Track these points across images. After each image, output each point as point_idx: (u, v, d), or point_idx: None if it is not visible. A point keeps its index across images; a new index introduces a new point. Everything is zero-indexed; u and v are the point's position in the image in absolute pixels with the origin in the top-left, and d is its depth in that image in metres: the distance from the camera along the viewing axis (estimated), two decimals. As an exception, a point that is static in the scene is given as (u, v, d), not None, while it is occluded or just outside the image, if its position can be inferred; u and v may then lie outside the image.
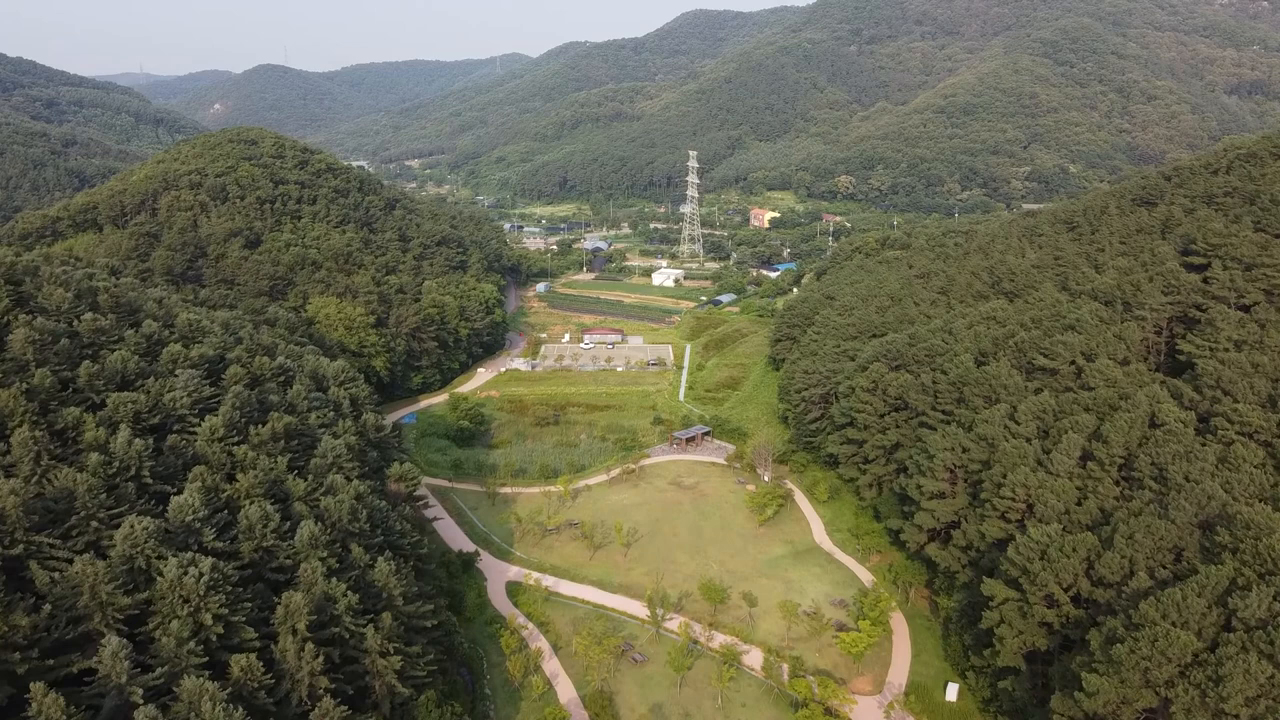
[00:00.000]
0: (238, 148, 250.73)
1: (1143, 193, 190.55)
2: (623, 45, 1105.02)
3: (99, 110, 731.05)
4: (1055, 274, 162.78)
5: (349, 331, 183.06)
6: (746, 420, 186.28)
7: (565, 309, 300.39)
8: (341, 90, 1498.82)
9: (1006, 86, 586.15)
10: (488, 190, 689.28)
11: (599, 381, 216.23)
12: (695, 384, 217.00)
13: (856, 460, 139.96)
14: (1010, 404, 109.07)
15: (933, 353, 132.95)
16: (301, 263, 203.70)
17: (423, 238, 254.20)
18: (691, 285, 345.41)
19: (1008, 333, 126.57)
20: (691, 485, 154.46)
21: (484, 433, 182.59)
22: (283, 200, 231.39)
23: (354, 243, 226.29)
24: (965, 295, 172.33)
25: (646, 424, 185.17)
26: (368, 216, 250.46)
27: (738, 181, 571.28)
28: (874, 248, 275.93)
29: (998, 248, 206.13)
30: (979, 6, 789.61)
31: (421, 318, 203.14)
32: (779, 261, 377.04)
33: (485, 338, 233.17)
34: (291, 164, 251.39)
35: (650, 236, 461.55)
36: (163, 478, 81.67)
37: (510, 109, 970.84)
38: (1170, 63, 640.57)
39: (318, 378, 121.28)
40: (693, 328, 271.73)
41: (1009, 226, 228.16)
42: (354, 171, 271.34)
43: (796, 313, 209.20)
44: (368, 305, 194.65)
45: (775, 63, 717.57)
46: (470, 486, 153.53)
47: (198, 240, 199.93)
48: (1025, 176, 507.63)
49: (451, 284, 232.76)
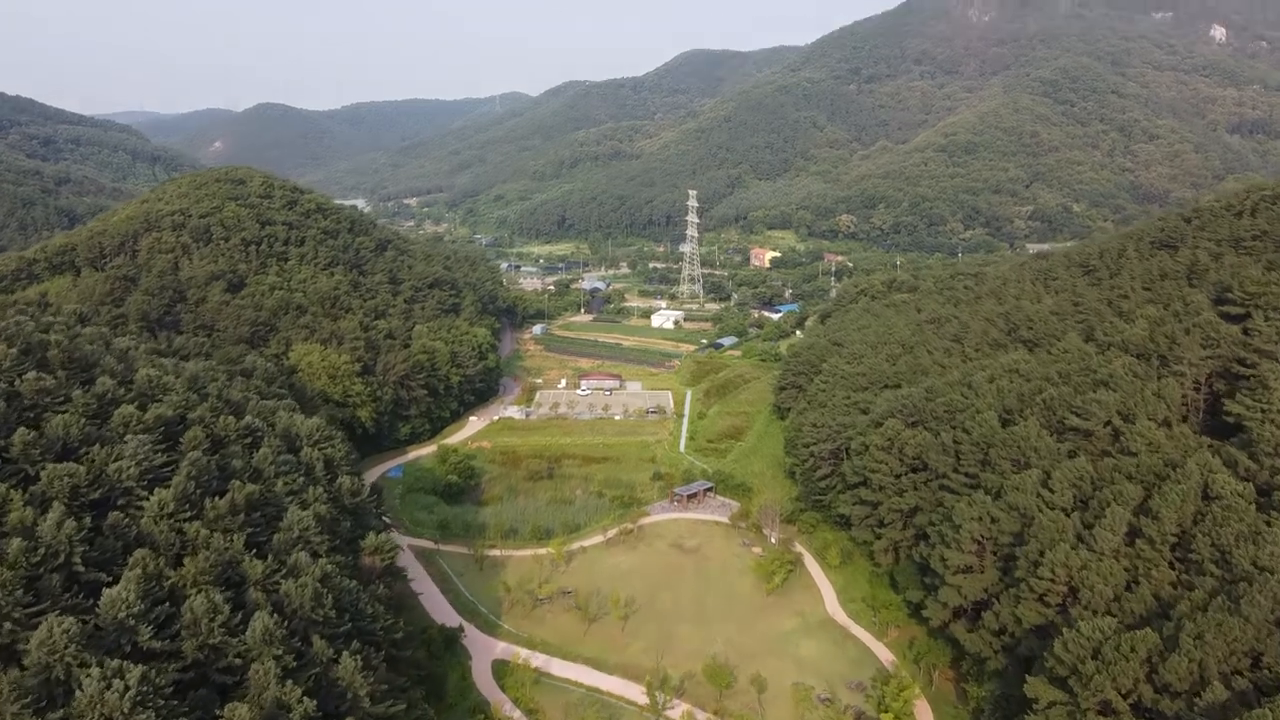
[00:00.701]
0: (225, 187, 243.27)
1: (1162, 235, 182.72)
2: (622, 84, 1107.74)
3: (95, 148, 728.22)
4: (1078, 322, 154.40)
5: (333, 380, 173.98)
6: (751, 474, 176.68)
7: (562, 352, 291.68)
8: (341, 128, 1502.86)
9: (1007, 125, 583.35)
10: (486, 229, 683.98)
11: (596, 431, 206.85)
12: (696, 434, 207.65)
13: (870, 523, 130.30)
14: (1043, 469, 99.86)
15: (953, 409, 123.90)
16: (285, 307, 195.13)
17: (414, 280, 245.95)
18: (691, 327, 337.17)
19: (1034, 388, 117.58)
20: (693, 548, 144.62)
21: (474, 487, 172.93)
22: (269, 242, 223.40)
23: (342, 285, 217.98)
24: (981, 343, 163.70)
25: (645, 478, 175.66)
26: (357, 258, 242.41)
27: (738, 220, 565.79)
28: (880, 290, 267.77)
29: (1011, 292, 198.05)
30: (977, 46, 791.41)
31: (411, 365, 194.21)
32: (781, 302, 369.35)
33: (478, 384, 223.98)
34: (280, 204, 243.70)
35: (649, 276, 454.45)
36: (98, 564, 72.13)
37: (509, 147, 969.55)
38: (1171, 102, 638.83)
39: (290, 437, 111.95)
40: (693, 372, 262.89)
41: (1020, 269, 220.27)
42: (345, 212, 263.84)
43: (802, 359, 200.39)
44: (353, 352, 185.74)
45: (775, 101, 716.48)
46: (457, 549, 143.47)
47: (177, 284, 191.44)
48: (1028, 216, 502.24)
49: (443, 328, 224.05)
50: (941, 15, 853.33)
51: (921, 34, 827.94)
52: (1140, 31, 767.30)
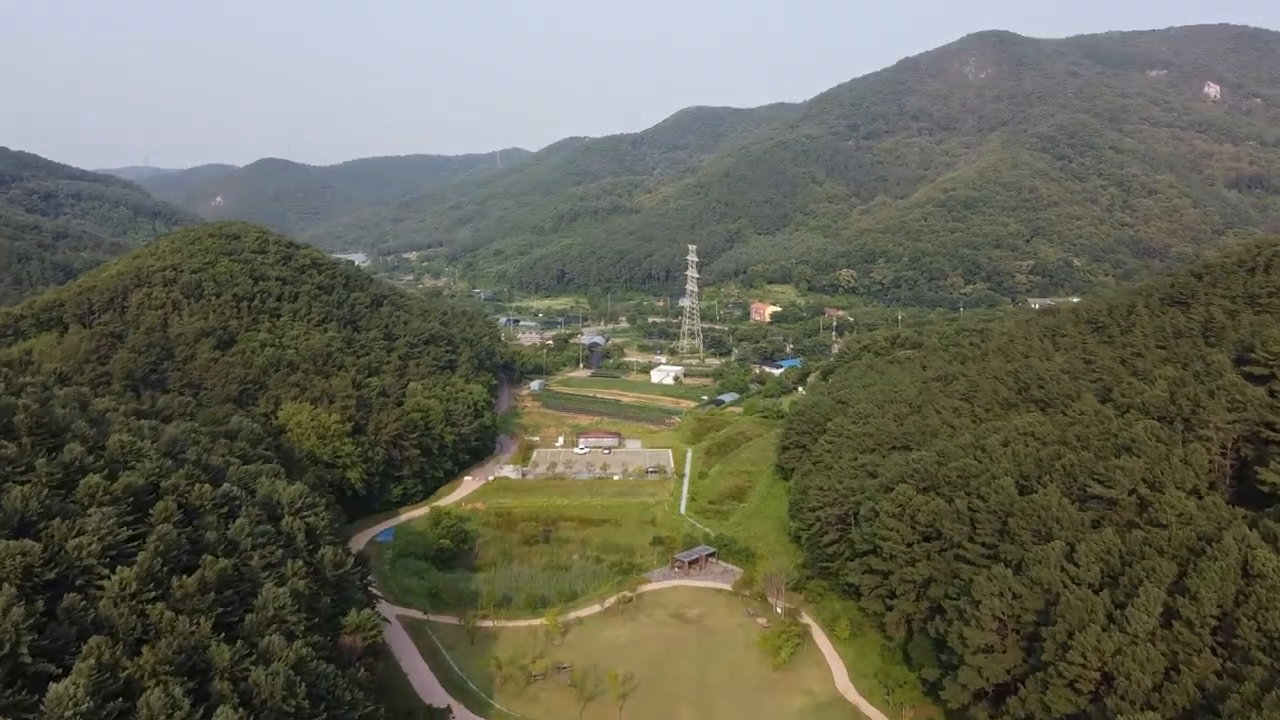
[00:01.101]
0: (218, 242, 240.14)
1: (1172, 291, 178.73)
2: (621, 140, 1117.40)
3: (96, 203, 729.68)
4: (1092, 381, 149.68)
5: (322, 441, 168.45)
6: (754, 538, 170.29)
7: (560, 409, 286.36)
8: (343, 183, 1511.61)
9: (1006, 180, 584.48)
10: (485, 283, 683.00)
11: (594, 492, 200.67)
12: (697, 494, 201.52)
13: (881, 593, 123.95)
14: (1066, 540, 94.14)
15: (966, 474, 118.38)
16: (276, 364, 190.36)
17: (410, 336, 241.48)
18: (692, 383, 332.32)
19: (1052, 453, 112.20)
20: (695, 618, 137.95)
21: (467, 552, 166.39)
22: (261, 298, 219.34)
23: (335, 342, 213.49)
24: (991, 403, 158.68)
25: (645, 542, 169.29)
26: (352, 314, 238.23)
27: (737, 274, 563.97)
28: (884, 346, 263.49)
29: (1019, 349, 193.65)
30: (974, 103, 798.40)
31: (403, 424, 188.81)
32: (782, 357, 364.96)
33: (473, 443, 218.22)
34: (274, 259, 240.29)
35: (649, 331, 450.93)
36: (47, 654, 66.17)
37: (509, 202, 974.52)
38: (1168, 157, 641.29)
39: (270, 505, 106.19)
40: (694, 430, 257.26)
41: (1027, 326, 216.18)
42: (340, 267, 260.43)
43: (806, 418, 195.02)
44: (344, 411, 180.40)
45: (774, 157, 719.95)
46: (448, 620, 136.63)
47: (165, 341, 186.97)
48: (1029, 270, 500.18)
49: (438, 385, 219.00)
50: (938, 73, 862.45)
51: (919, 91, 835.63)
52: (1136, 89, 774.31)
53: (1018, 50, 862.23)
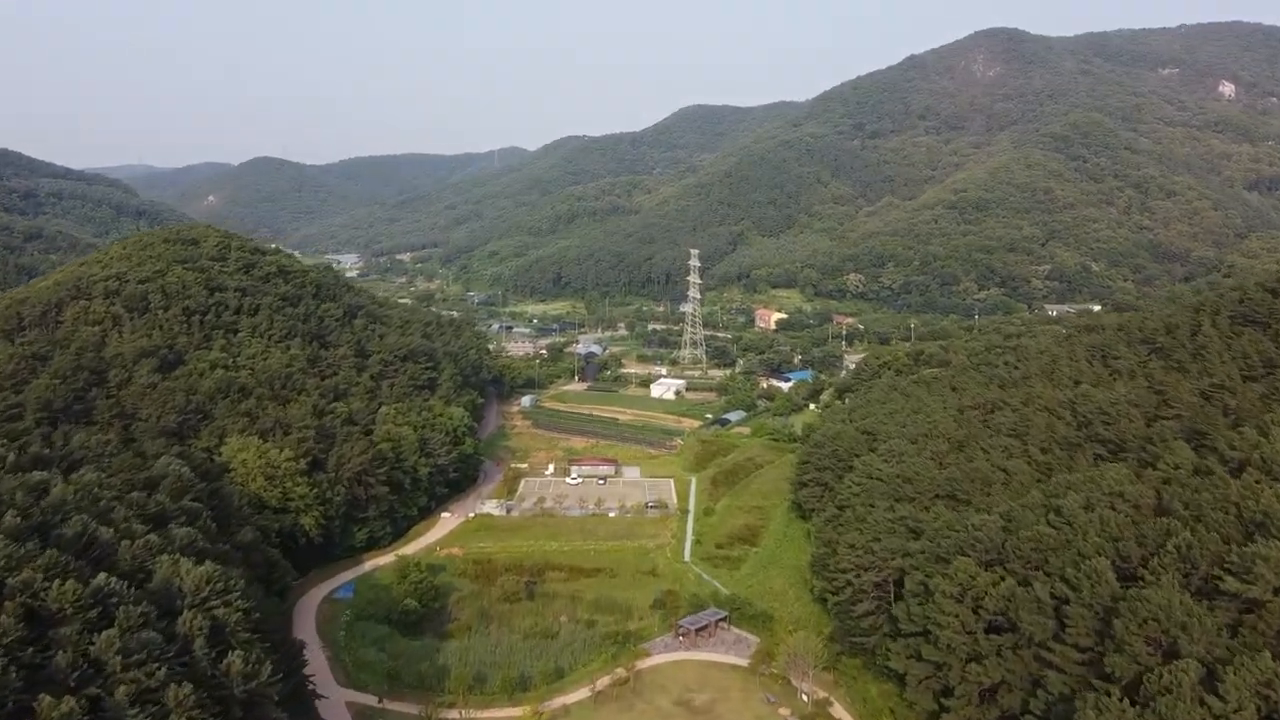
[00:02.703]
0: (173, 248, 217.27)
1: (1243, 309, 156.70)
2: (620, 139, 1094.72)
3: (78, 202, 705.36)
4: (1167, 417, 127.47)
5: (270, 482, 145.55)
6: (770, 594, 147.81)
7: (552, 429, 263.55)
8: (338, 182, 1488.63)
9: (1019, 181, 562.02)
10: (479, 286, 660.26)
11: (587, 533, 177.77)
12: (703, 535, 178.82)
13: (933, 686, 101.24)
14: (1199, 659, 71.60)
15: (1043, 546, 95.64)
16: (225, 390, 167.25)
17: (385, 353, 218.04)
18: (694, 398, 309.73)
19: (1159, 530, 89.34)
20: (705, 706, 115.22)
21: (439, 612, 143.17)
22: (217, 311, 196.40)
23: (297, 361, 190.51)
24: (1048, 443, 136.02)
25: (644, 599, 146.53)
26: (320, 328, 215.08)
27: (740, 279, 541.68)
28: (906, 364, 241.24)
29: (1065, 372, 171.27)
30: (983, 102, 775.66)
31: (370, 457, 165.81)
32: (790, 369, 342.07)
33: (452, 474, 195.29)
34: (234, 267, 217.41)
35: (648, 339, 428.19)
36: None
37: (506, 202, 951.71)
38: (1186, 158, 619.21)
39: (167, 596, 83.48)
40: (698, 454, 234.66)
41: (1069, 344, 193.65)
42: (311, 275, 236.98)
43: (826, 451, 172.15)
44: (300, 444, 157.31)
45: (777, 156, 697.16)
46: (407, 710, 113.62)
47: (98, 363, 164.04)
48: (1046, 275, 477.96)
49: (414, 409, 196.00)
50: (945, 71, 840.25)
51: (925, 90, 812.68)
52: (1149, 88, 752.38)
53: (1026, 48, 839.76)
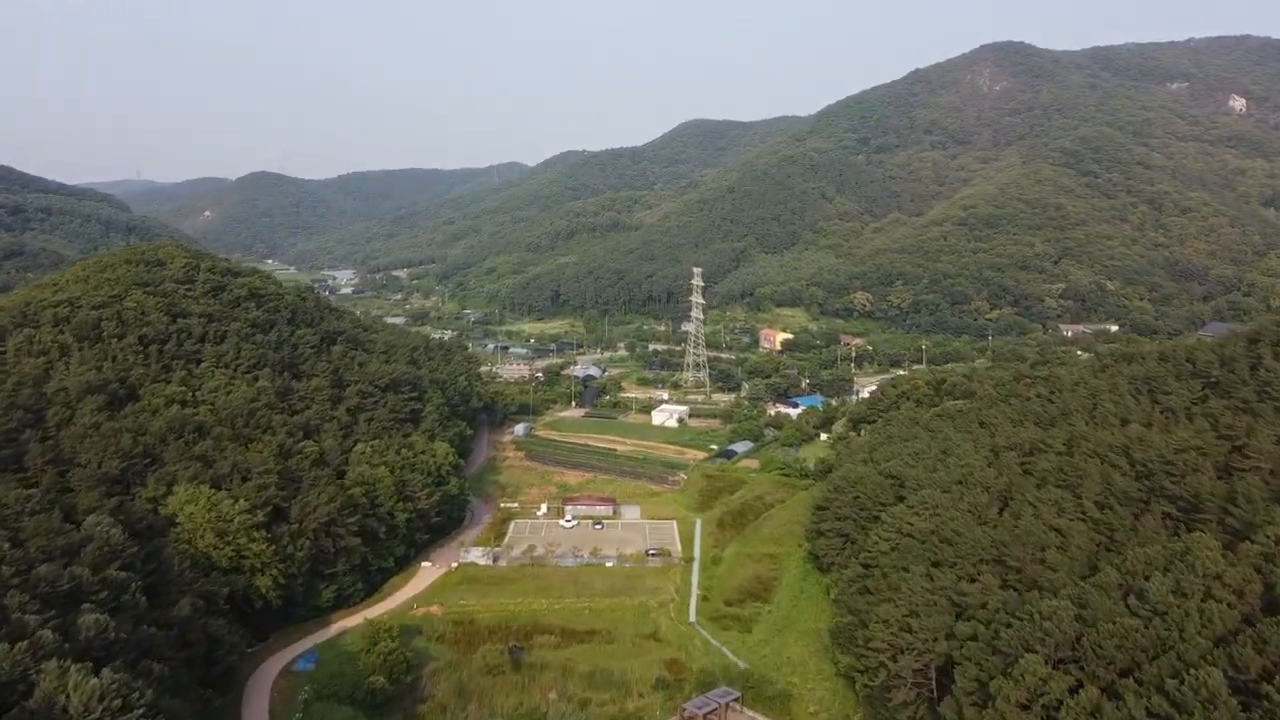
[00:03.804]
0: (135, 270, 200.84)
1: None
2: (620, 154, 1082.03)
3: (67, 218, 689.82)
4: (1246, 469, 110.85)
5: (221, 539, 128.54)
6: (787, 665, 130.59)
7: (546, 461, 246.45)
8: (336, 197, 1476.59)
9: (1030, 197, 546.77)
10: (476, 303, 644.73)
11: (581, 587, 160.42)
12: (710, 589, 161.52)
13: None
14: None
15: (1129, 644, 78.79)
16: (180, 429, 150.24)
17: (364, 383, 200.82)
18: (697, 425, 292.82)
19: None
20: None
21: (411, 687, 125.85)
22: (178, 339, 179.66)
23: (265, 395, 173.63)
24: (1106, 498, 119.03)
25: (645, 670, 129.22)
26: (293, 357, 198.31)
27: (743, 297, 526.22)
28: (926, 393, 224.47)
29: (1109, 408, 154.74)
30: (990, 116, 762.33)
31: (339, 504, 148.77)
32: (798, 394, 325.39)
33: (435, 518, 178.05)
34: (202, 290, 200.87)
35: (649, 361, 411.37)
36: None
37: (504, 218, 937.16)
38: (1199, 173, 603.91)
39: (49, 718, 66.72)
40: (702, 491, 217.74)
41: (1107, 375, 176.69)
42: (286, 299, 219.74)
43: (847, 497, 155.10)
44: (260, 492, 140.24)
45: (780, 172, 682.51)
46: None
47: (37, 400, 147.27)
48: (1060, 294, 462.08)
49: (392, 447, 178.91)
50: (950, 85, 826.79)
51: (930, 104, 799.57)
52: (1159, 102, 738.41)
53: (1033, 62, 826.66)
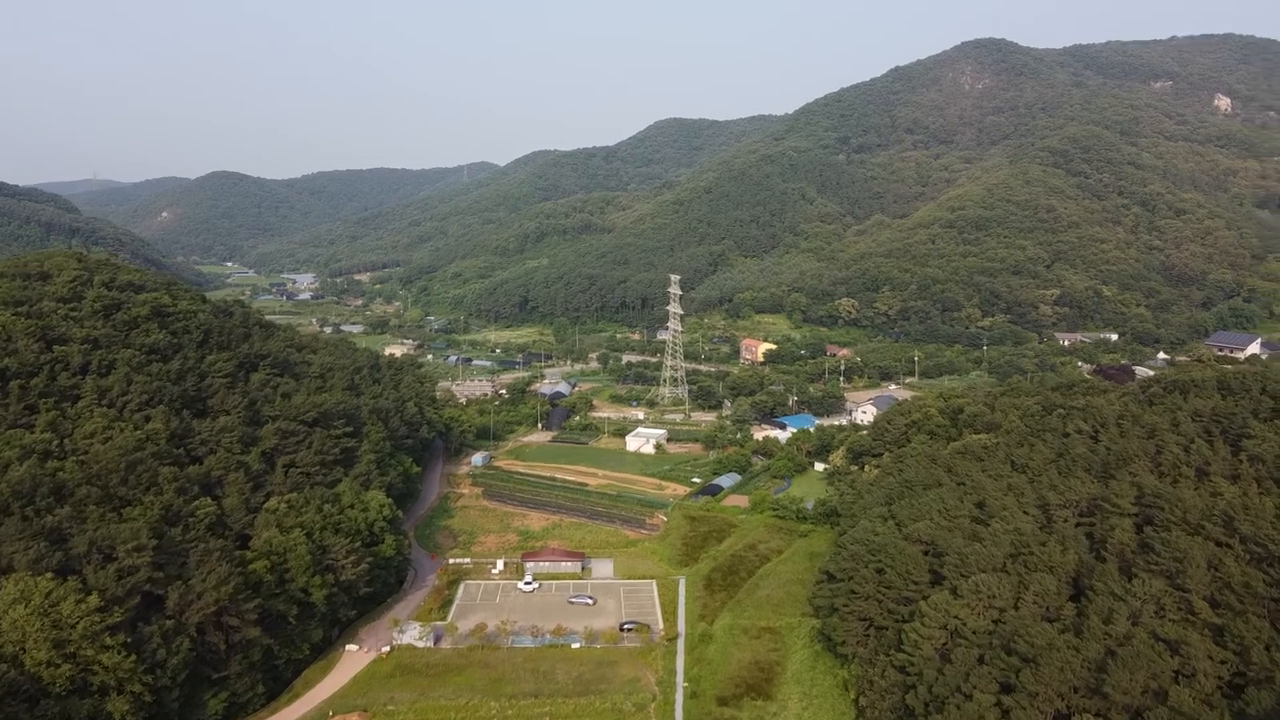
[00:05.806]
0: (13, 285, 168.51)
1: None
2: (593, 153, 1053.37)
3: (3, 219, 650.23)
4: None
5: (58, 651, 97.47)
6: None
7: (506, 500, 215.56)
8: (300, 198, 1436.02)
9: (1019, 199, 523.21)
10: (440, 309, 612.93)
11: (541, 679, 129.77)
12: (700, 681, 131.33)
13: None
14: None
15: None
16: (30, 492, 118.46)
17: (285, 419, 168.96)
18: (677, 451, 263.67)
19: None
20: None
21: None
22: (51, 372, 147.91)
23: (155, 439, 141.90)
24: (1221, 593, 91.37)
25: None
26: (199, 390, 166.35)
27: (722, 303, 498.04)
28: (941, 424, 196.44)
29: (1175, 453, 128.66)
30: (973, 115, 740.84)
31: (233, 587, 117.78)
32: (785, 413, 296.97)
33: (364, 588, 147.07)
34: (91, 310, 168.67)
35: (623, 375, 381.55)
36: None
37: (473, 219, 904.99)
38: (1191, 174, 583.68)
39: None
40: (686, 538, 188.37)
41: (1163, 411, 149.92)
42: (198, 318, 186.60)
43: (867, 570, 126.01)
44: (124, 579, 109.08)
45: (759, 172, 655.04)
46: None
47: None
48: (1054, 301, 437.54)
49: (313, 502, 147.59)
50: (931, 83, 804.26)
51: (912, 102, 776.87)
52: (1144, 101, 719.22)
53: (1016, 60, 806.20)
